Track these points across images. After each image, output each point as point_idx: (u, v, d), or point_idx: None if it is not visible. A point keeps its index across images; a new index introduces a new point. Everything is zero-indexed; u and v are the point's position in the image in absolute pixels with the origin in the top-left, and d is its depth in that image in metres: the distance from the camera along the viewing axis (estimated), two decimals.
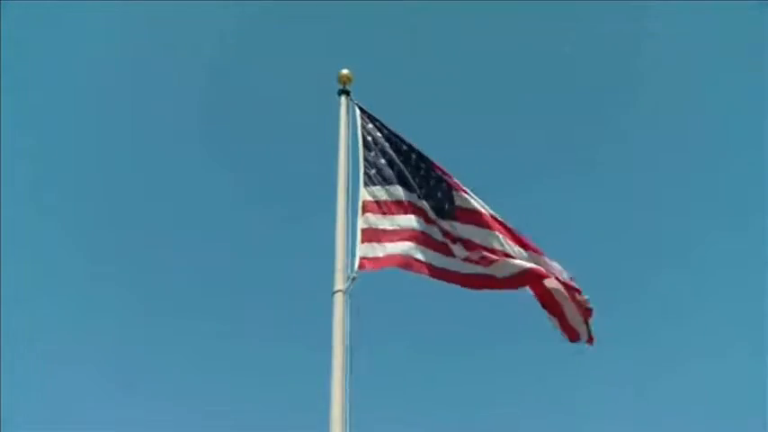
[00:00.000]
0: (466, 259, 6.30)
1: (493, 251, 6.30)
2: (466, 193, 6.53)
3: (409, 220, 6.33)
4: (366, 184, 6.32)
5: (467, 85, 19.24)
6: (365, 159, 6.48)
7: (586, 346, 6.55)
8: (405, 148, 6.67)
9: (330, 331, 5.49)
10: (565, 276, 6.44)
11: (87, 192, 18.00)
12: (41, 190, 17.15)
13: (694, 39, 17.56)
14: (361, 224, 6.06)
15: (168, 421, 15.13)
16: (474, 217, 6.44)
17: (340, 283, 5.69)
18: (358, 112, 6.81)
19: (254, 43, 18.86)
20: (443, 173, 6.63)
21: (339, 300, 5.61)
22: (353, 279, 5.73)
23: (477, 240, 6.35)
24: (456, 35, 18.94)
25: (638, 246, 18.07)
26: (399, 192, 6.42)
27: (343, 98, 6.86)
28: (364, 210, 6.16)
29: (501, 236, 6.38)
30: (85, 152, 18.11)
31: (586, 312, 6.47)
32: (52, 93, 17.44)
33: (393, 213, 6.29)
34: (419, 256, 6.19)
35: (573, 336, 6.55)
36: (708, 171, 18.11)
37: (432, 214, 6.40)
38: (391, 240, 6.14)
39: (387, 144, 6.65)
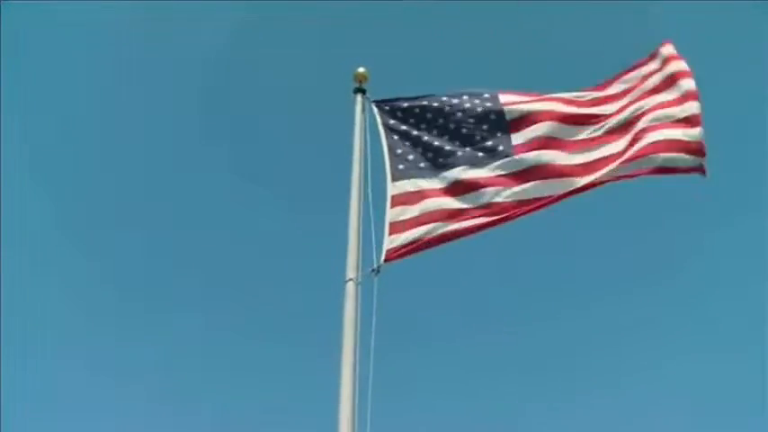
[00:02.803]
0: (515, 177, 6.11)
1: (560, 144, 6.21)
2: (514, 102, 6.50)
3: (440, 203, 6.13)
4: (395, 179, 6.29)
5: (480, 83, 19.20)
6: (392, 155, 6.48)
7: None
8: (438, 119, 6.66)
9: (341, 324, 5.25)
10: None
11: (88, 191, 17.98)
12: (41, 189, 17.13)
13: (694, 39, 17.58)
14: (389, 218, 6.00)
15: (171, 421, 15.14)
16: (528, 121, 6.40)
17: (352, 271, 5.54)
18: (376, 110, 6.85)
19: (270, 40, 18.89)
20: (487, 99, 6.64)
21: (351, 289, 5.45)
22: (374, 270, 5.61)
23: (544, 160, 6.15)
24: (471, 34, 19.04)
25: (639, 244, 18.08)
26: (433, 182, 6.30)
27: (358, 96, 6.92)
28: (393, 203, 6.11)
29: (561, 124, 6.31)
30: (91, 151, 18.12)
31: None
32: (52, 92, 17.42)
33: (423, 199, 6.15)
34: (445, 229, 5.96)
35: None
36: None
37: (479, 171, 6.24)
38: (417, 225, 5.97)
39: (416, 131, 6.64)
